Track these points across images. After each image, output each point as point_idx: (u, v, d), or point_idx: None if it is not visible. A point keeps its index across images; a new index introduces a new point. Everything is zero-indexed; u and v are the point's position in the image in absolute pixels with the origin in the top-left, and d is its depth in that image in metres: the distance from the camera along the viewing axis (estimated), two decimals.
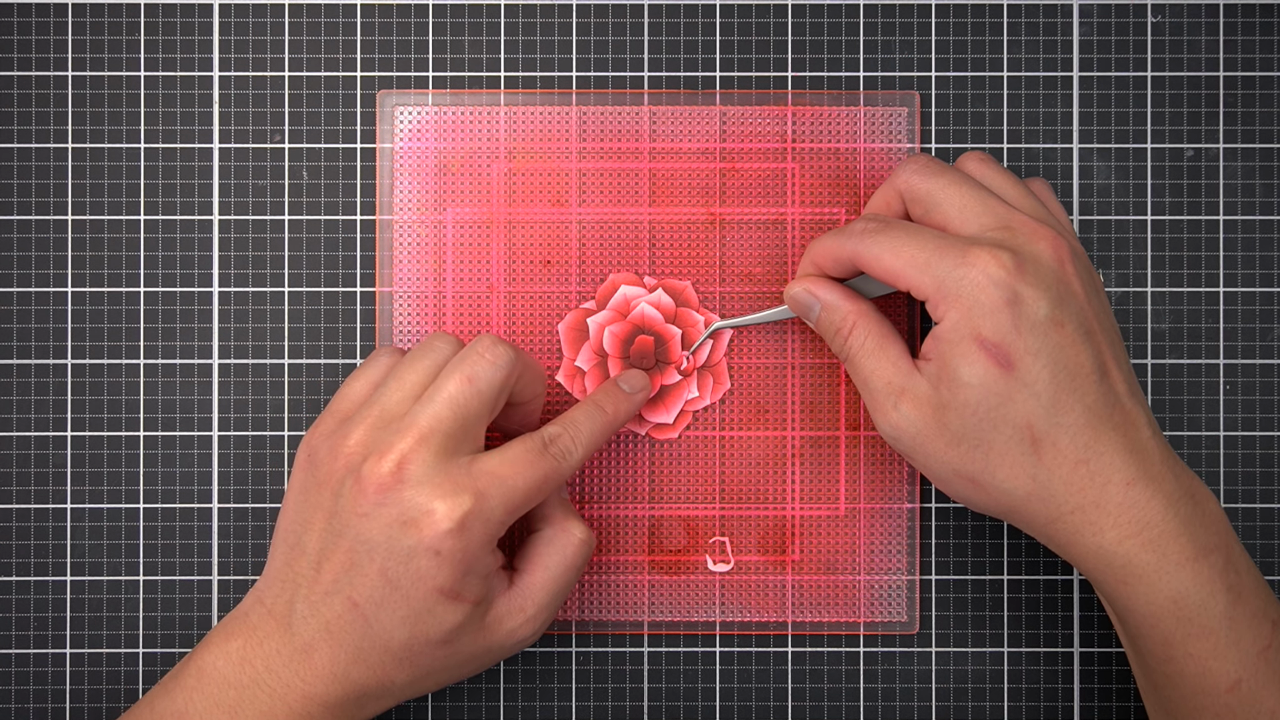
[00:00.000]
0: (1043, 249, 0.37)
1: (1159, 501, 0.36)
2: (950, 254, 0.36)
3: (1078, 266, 0.37)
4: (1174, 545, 0.36)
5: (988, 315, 0.36)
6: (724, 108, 0.45)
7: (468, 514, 0.36)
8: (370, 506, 0.36)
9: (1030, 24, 0.45)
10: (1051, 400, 0.36)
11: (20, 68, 0.45)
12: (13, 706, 0.44)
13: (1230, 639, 0.36)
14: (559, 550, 0.40)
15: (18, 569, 0.44)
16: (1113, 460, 0.36)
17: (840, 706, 0.45)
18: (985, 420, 0.36)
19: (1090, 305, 0.37)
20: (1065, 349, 0.36)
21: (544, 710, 0.45)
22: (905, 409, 0.37)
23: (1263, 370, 0.45)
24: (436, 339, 0.40)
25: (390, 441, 0.37)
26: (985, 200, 0.38)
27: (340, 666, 0.37)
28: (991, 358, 0.36)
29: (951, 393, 0.36)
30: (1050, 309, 0.36)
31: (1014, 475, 0.37)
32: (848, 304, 0.40)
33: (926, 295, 0.37)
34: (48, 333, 0.45)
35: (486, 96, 0.45)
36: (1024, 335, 0.36)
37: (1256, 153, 0.45)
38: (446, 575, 0.36)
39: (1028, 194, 0.39)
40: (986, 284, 0.36)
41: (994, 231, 0.37)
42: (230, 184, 0.45)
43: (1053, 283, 0.36)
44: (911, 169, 0.39)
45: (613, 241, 0.44)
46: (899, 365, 0.38)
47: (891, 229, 0.38)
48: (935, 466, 0.38)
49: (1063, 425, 0.36)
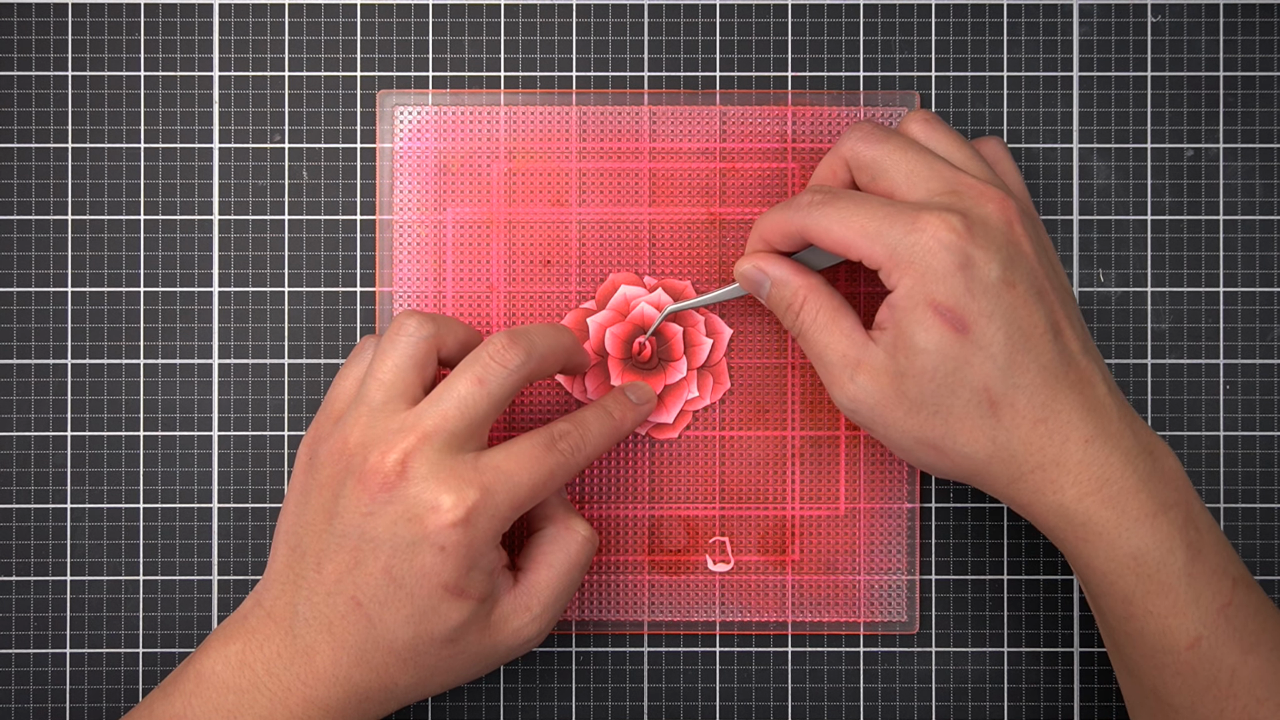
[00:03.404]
0: (991, 210, 0.37)
1: (1117, 458, 0.36)
2: (900, 221, 0.36)
3: (1026, 227, 0.37)
4: (1133, 501, 0.36)
5: (940, 280, 0.36)
6: (724, 108, 0.45)
7: (473, 507, 0.36)
8: (374, 504, 0.36)
9: (1030, 24, 0.45)
10: (1007, 361, 0.36)
11: (20, 68, 0.45)
12: (13, 706, 0.44)
13: (1190, 595, 0.36)
14: (563, 548, 0.39)
15: (18, 569, 0.44)
16: (1070, 418, 0.36)
17: (840, 706, 0.45)
18: (943, 385, 0.36)
19: (1040, 265, 0.37)
20: (1018, 309, 0.36)
21: (544, 710, 0.45)
22: (862, 380, 0.37)
23: (1263, 370, 0.45)
24: (406, 320, 0.39)
25: (393, 440, 0.37)
26: (932, 164, 0.38)
27: (342, 669, 0.37)
28: (946, 322, 0.36)
29: (909, 360, 0.36)
30: (1001, 270, 0.36)
31: (974, 438, 0.37)
32: (798, 279, 0.39)
33: (879, 263, 0.37)
34: (48, 333, 0.45)
35: (486, 96, 0.45)
36: (977, 298, 0.36)
37: (1256, 153, 0.45)
38: (451, 571, 0.36)
39: (974, 155, 0.39)
40: (938, 248, 0.36)
41: (941, 196, 0.37)
42: (230, 184, 0.45)
43: (1003, 244, 0.36)
44: (856, 135, 0.39)
45: (613, 241, 0.44)
46: (853, 337, 0.38)
47: (839, 199, 0.38)
48: (895, 435, 0.38)
49: (1020, 386, 0.36)
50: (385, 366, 0.38)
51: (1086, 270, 0.45)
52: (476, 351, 0.38)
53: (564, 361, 0.40)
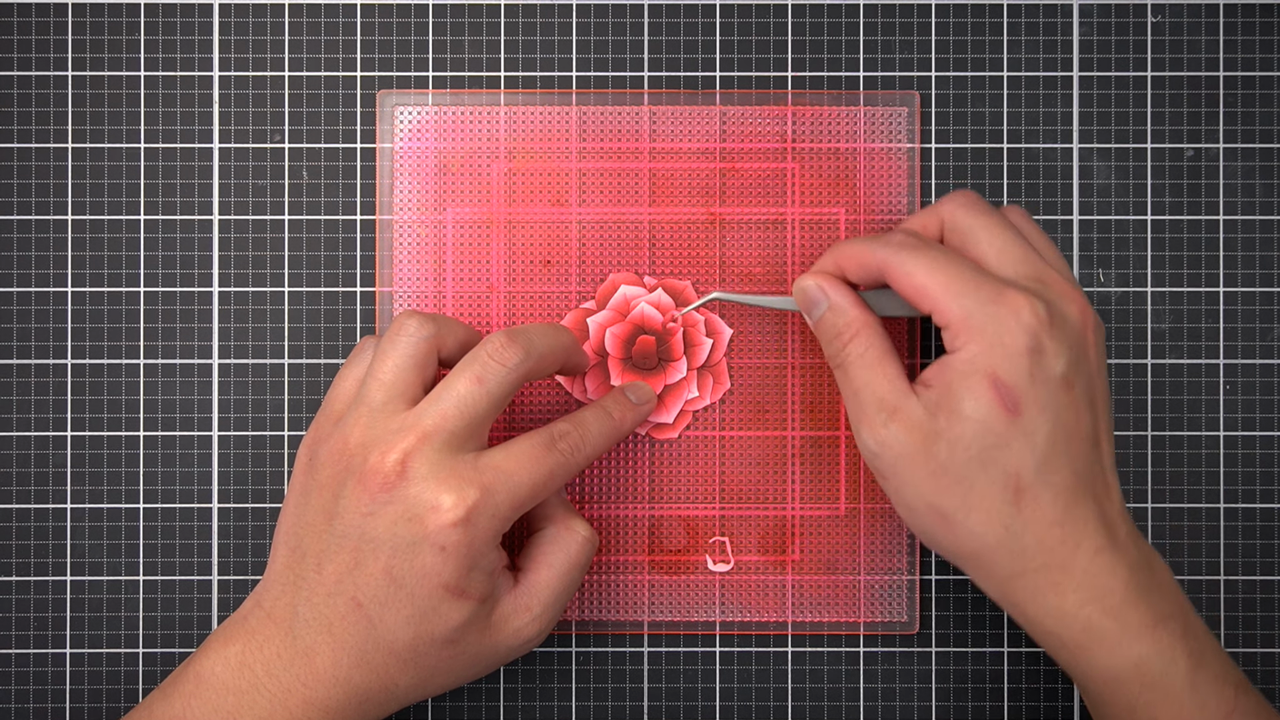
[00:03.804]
0: (1072, 310, 0.37)
1: (1122, 570, 0.37)
2: (986, 288, 0.37)
3: (1097, 337, 0.38)
4: (1133, 613, 0.36)
5: (1009, 357, 0.36)
6: (724, 108, 0.45)
7: (474, 507, 0.36)
8: (374, 504, 0.36)
9: (1030, 24, 0.45)
10: (1045, 456, 0.36)
11: (20, 68, 0.45)
12: (13, 706, 0.44)
13: (1195, 703, 0.36)
14: (563, 548, 0.39)
15: (18, 569, 0.44)
16: (1086, 527, 0.37)
17: (840, 706, 0.45)
18: (975, 458, 0.36)
19: (1099, 377, 0.38)
20: (1070, 410, 0.37)
21: (544, 710, 0.45)
22: (895, 428, 0.37)
23: (1263, 370, 0.45)
24: (407, 321, 0.39)
25: (393, 440, 0.37)
26: (1026, 250, 0.38)
27: (343, 670, 0.37)
28: (1000, 398, 0.36)
29: (948, 423, 0.37)
30: (1066, 368, 0.36)
31: (988, 520, 0.37)
32: (856, 310, 0.39)
33: (949, 322, 0.37)
34: (48, 333, 0.45)
35: (486, 96, 0.45)
36: (1037, 386, 0.36)
37: (1256, 153, 0.45)
38: (451, 571, 0.36)
39: (1061, 257, 0.40)
40: (1015, 326, 0.36)
41: (1029, 281, 0.37)
42: (230, 184, 0.45)
43: (1075, 344, 0.37)
44: (959, 201, 0.39)
45: (613, 241, 0.44)
46: (895, 384, 0.38)
47: (931, 248, 0.38)
48: (909, 494, 0.38)
49: (1049, 483, 0.36)
50: (385, 367, 0.38)
51: (1086, 270, 0.45)
52: (475, 351, 0.38)
53: (563, 361, 0.40)
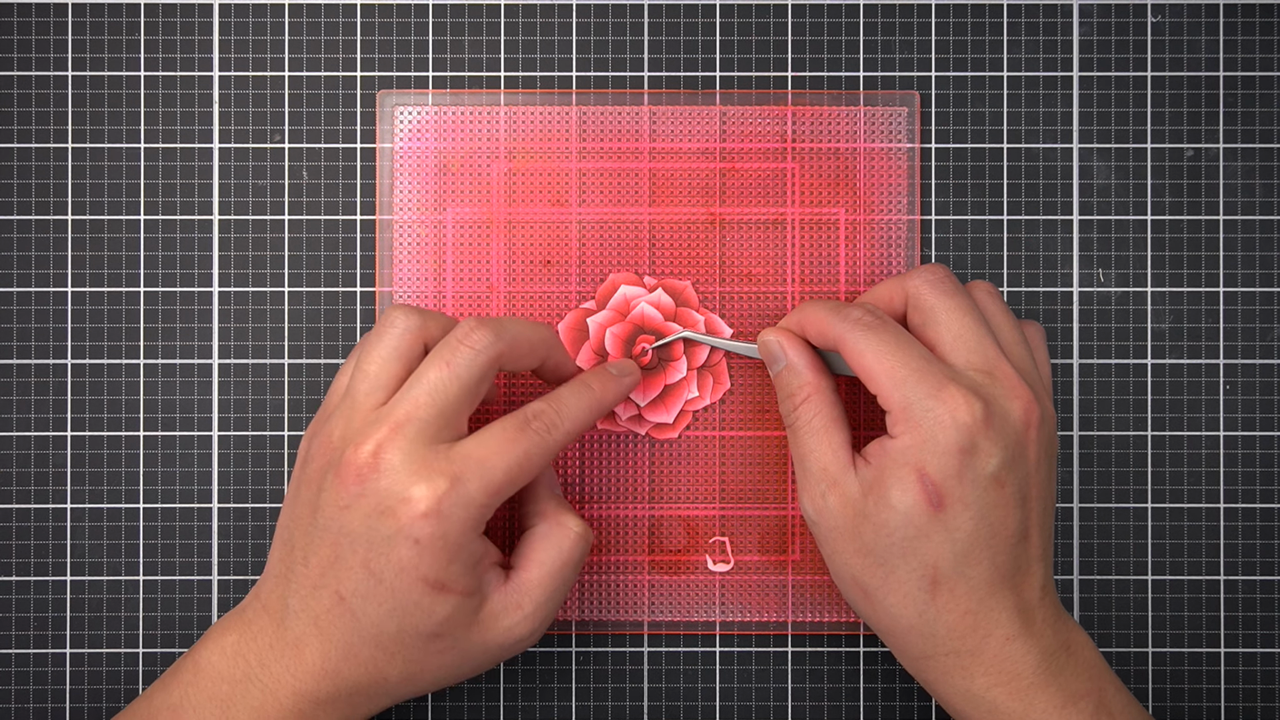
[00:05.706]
0: (1015, 407, 0.37)
1: (1033, 656, 0.37)
2: (927, 381, 0.37)
3: (1041, 432, 0.38)
4: (1041, 696, 0.37)
5: (939, 454, 0.36)
6: (724, 108, 0.45)
7: (443, 497, 0.36)
8: (350, 498, 0.36)
9: (1030, 24, 0.45)
10: (965, 551, 0.37)
11: (20, 68, 0.45)
12: (13, 706, 0.44)
13: None
14: (554, 545, 0.39)
15: (18, 569, 0.44)
16: (999, 616, 0.37)
17: (840, 706, 0.45)
18: (896, 546, 0.37)
19: (1037, 473, 0.38)
20: (997, 509, 0.37)
21: (544, 710, 0.45)
22: (831, 501, 0.38)
23: (1263, 370, 0.45)
24: (395, 314, 0.39)
25: (368, 432, 0.37)
26: (982, 339, 0.38)
27: (331, 662, 0.37)
28: (925, 493, 0.36)
29: (876, 507, 0.37)
30: (998, 468, 0.37)
31: (903, 604, 0.37)
32: (810, 374, 0.40)
33: (890, 409, 0.37)
34: (48, 333, 0.45)
35: (486, 96, 0.45)
36: (964, 484, 0.36)
37: (1256, 153, 0.45)
38: (429, 564, 0.36)
39: (1021, 342, 0.40)
40: (950, 424, 0.36)
41: (976, 373, 0.38)
42: (230, 184, 0.45)
43: (1011, 443, 0.37)
44: (925, 278, 0.39)
45: (613, 241, 0.44)
46: (838, 455, 0.38)
47: (884, 331, 0.38)
48: (837, 564, 0.39)
49: (965, 576, 0.37)
50: (370, 361, 0.38)
51: (1086, 270, 0.45)
52: (445, 338, 0.38)
53: (541, 354, 0.40)
